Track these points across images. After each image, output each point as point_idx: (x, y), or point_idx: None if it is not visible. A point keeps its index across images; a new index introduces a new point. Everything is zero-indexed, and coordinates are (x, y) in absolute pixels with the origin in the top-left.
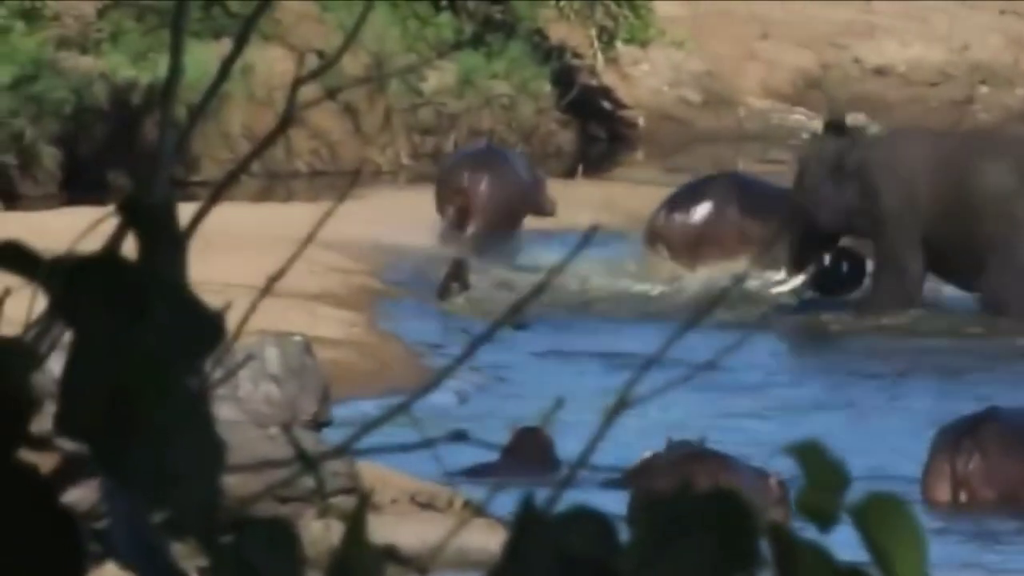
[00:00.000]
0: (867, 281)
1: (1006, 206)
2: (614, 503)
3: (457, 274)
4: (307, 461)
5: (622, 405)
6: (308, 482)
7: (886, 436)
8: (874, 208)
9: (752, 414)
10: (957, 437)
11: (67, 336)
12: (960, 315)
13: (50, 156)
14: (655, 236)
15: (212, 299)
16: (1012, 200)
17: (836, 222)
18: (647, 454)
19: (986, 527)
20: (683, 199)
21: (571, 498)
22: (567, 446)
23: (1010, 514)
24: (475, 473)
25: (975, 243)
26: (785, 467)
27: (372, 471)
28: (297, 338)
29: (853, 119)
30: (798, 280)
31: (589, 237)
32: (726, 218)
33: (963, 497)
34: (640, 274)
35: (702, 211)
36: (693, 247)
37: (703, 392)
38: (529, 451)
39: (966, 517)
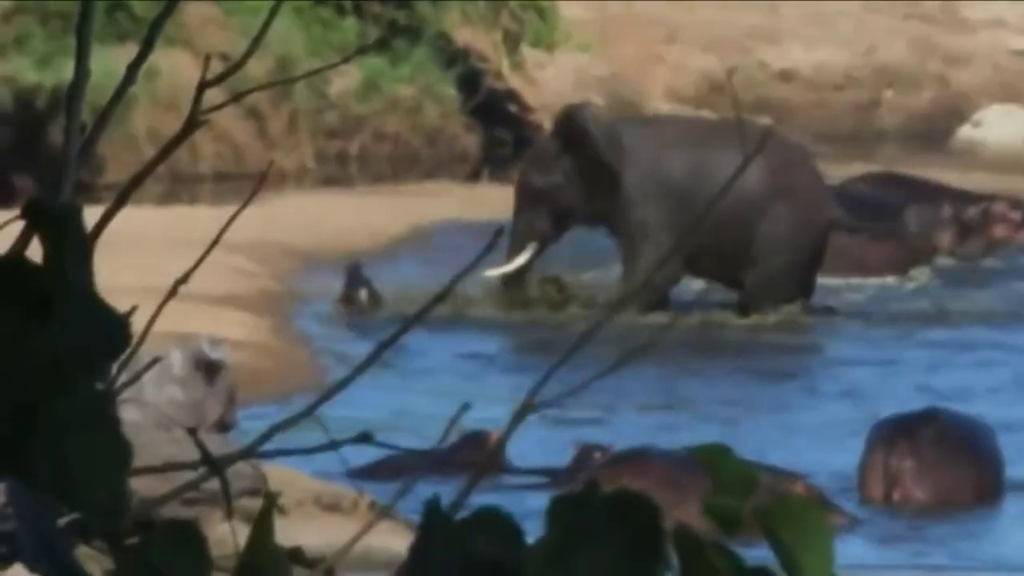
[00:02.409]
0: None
1: (756, 210)
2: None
3: (359, 278)
4: (213, 464)
5: (528, 408)
6: (214, 485)
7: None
8: (619, 191)
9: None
10: (893, 435)
11: None
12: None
13: None
14: None
15: (118, 303)
16: (762, 204)
17: (578, 210)
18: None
19: (917, 526)
20: None
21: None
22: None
23: (942, 515)
24: (378, 472)
25: (728, 243)
26: (812, 471)
27: (278, 473)
28: (207, 341)
29: (759, 123)
30: (513, 265)
31: (493, 242)
32: None
33: (896, 496)
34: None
35: None
36: None
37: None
38: (475, 454)
39: (899, 515)
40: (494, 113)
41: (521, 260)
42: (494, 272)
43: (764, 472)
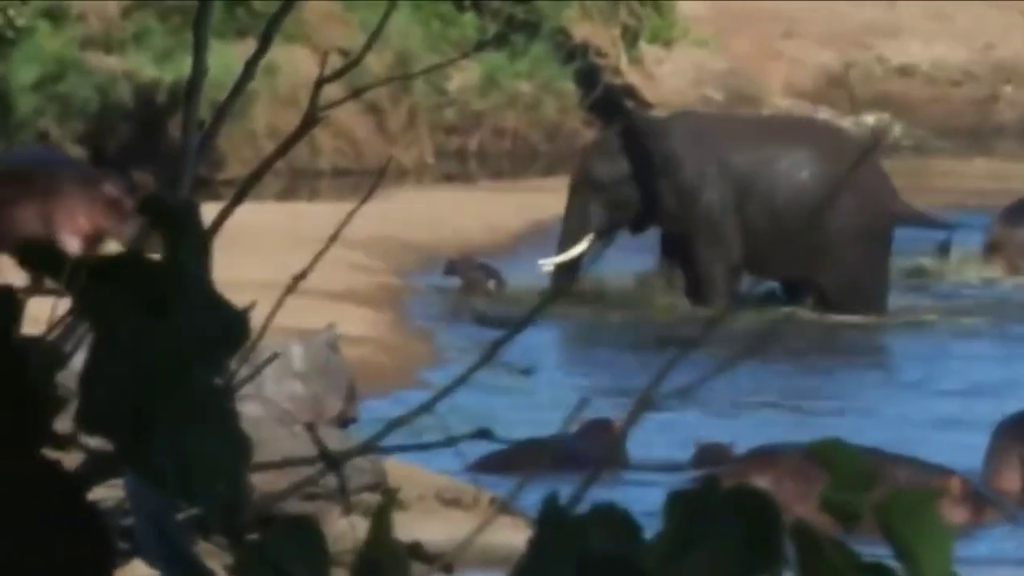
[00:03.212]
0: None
1: (819, 196)
2: None
3: (484, 272)
4: (330, 459)
5: (647, 402)
6: (334, 480)
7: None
8: (678, 186)
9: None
10: None
11: (91, 335)
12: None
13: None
14: (994, 247)
15: (237, 298)
16: (827, 197)
17: (641, 205)
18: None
19: None
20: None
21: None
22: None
23: None
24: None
25: (793, 238)
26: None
27: (399, 468)
28: (326, 334)
29: (877, 118)
30: (567, 256)
31: (608, 242)
32: None
33: None
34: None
35: None
36: None
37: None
38: (598, 443)
39: None
40: (612, 108)
41: (576, 251)
42: (548, 262)
43: (916, 467)
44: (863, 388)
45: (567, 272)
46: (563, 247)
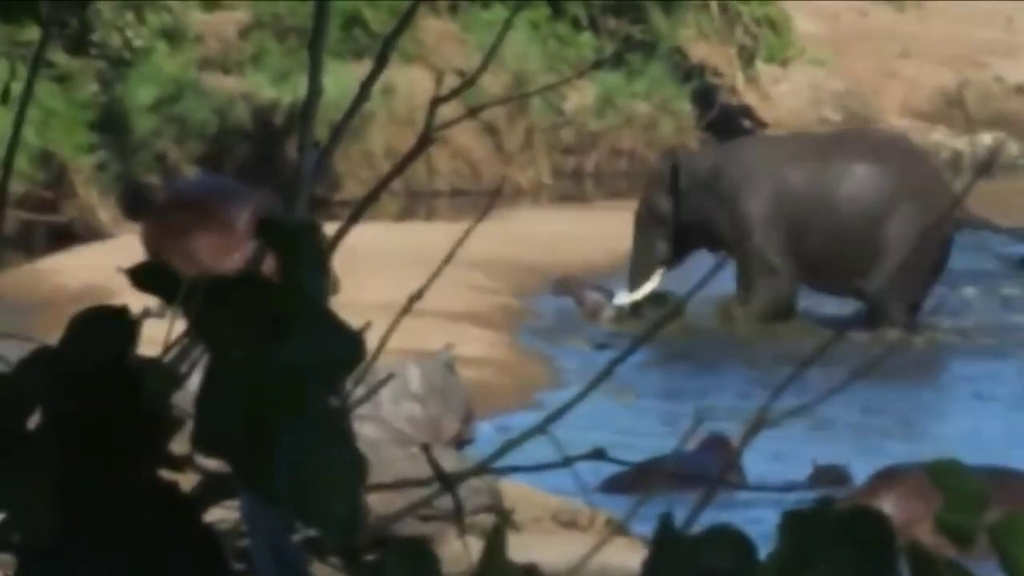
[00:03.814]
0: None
1: (877, 211)
2: None
3: (601, 293)
4: (445, 480)
5: (761, 422)
6: (449, 501)
7: None
8: (734, 215)
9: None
10: None
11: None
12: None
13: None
14: None
15: (354, 318)
16: (884, 205)
17: (698, 235)
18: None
19: None
20: None
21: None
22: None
23: None
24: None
25: (860, 247)
26: None
27: (515, 490)
28: (442, 355)
29: (993, 138)
30: (637, 295)
31: (723, 262)
32: None
33: None
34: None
35: None
36: None
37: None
38: (715, 460)
39: None
40: (729, 128)
41: (649, 287)
42: (622, 300)
43: None
44: (968, 407)
45: (641, 307)
46: (633, 282)
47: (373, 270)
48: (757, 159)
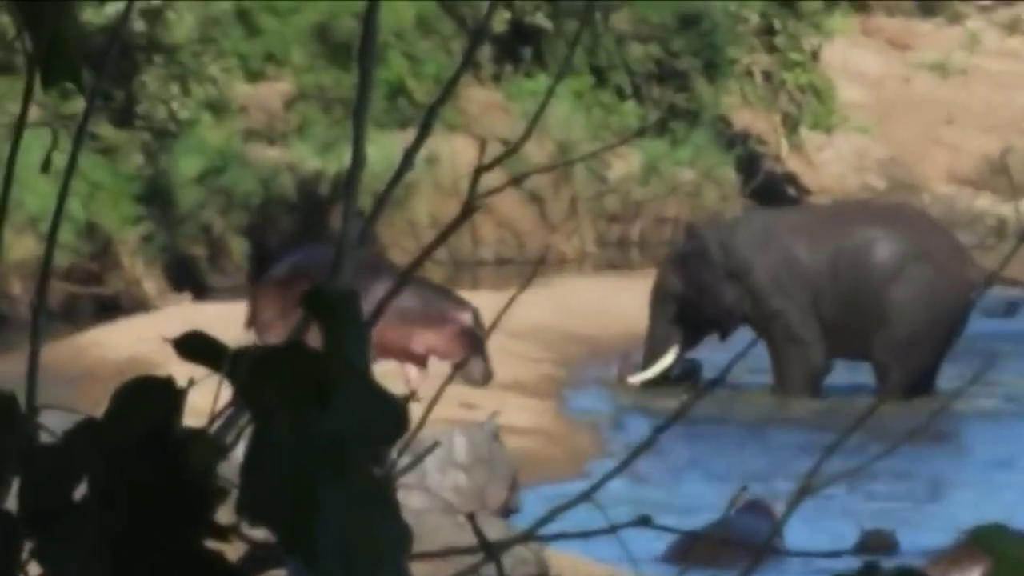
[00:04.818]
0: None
1: (880, 276)
2: None
3: (653, 360)
4: (490, 549)
5: (806, 489)
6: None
7: None
8: (751, 288)
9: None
10: None
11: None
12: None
13: (238, 247)
14: None
15: (398, 386)
16: (887, 270)
17: (720, 313)
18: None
19: None
20: None
21: None
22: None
23: None
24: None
25: (867, 311)
26: None
27: (561, 559)
28: (488, 423)
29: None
30: (655, 370)
31: (756, 340)
32: None
33: None
34: None
35: None
36: None
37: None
38: (759, 524)
39: None
40: (774, 195)
41: (662, 365)
42: (636, 378)
43: None
44: (992, 473)
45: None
46: (647, 361)
47: None
48: (760, 232)
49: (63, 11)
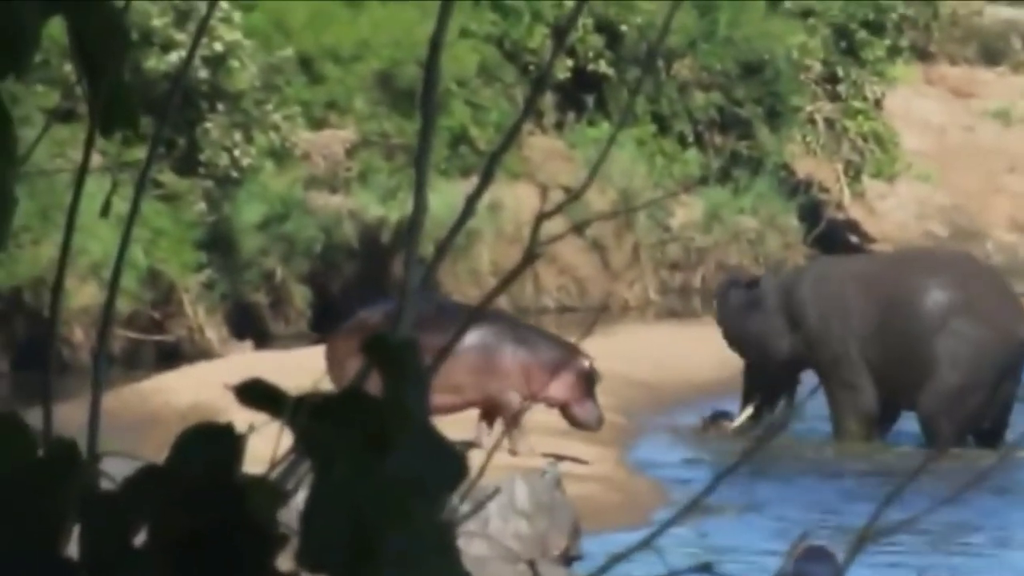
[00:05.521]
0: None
1: (938, 325)
2: None
3: (720, 413)
4: None
5: (866, 538)
6: None
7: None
8: (807, 335)
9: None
10: None
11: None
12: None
13: (300, 295)
14: None
15: (459, 433)
16: (943, 319)
17: (779, 357)
18: None
19: None
20: None
21: None
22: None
23: None
24: None
25: (914, 362)
26: None
27: None
28: (550, 471)
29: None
30: (745, 414)
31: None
32: None
33: None
34: None
35: None
36: None
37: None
38: (818, 571)
39: None
40: (836, 243)
41: (748, 412)
42: (736, 423)
43: None
44: None
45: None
46: (743, 406)
47: None
48: (817, 281)
49: (123, 59)
